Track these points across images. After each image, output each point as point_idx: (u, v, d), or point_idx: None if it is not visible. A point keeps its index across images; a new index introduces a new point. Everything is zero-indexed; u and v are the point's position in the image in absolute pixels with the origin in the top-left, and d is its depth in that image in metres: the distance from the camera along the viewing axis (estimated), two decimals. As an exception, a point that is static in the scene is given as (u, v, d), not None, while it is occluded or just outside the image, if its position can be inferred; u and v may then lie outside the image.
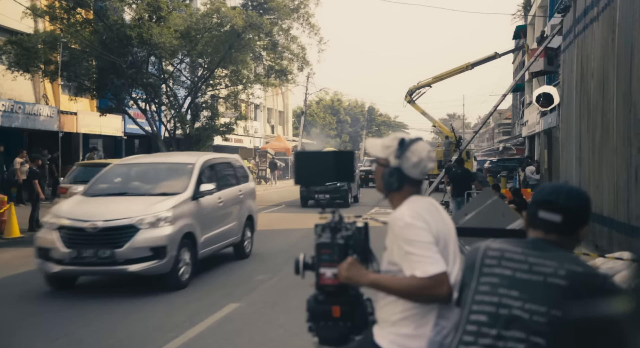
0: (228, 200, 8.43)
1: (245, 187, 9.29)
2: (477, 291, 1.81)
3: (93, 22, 18.63)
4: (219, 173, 8.57)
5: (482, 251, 1.89)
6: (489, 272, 1.82)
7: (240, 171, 9.44)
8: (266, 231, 12.57)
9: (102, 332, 5.29)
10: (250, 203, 9.45)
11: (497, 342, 1.70)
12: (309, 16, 21.89)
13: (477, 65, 22.89)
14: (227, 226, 8.34)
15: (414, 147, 2.10)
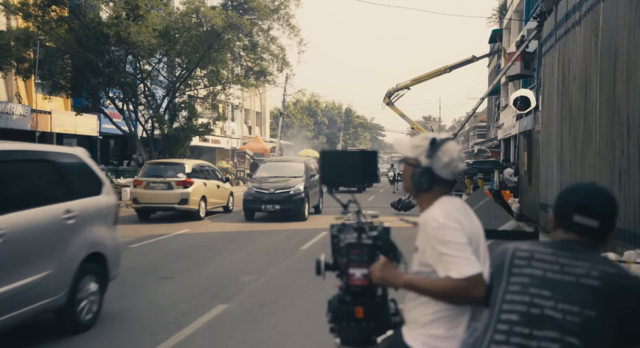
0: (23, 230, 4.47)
1: (86, 204, 5.35)
2: (507, 291, 1.81)
3: (68, 19, 18.25)
4: None
5: (510, 252, 1.88)
6: (518, 272, 1.82)
7: (74, 172, 5.56)
8: (248, 232, 12.49)
9: (88, 334, 5.16)
10: (96, 231, 5.41)
11: (529, 341, 1.70)
12: (289, 17, 21.87)
13: (455, 68, 23.19)
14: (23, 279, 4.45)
15: (445, 147, 2.09)
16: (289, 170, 15.67)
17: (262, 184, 14.69)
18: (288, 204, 14.32)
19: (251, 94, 37.18)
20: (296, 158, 18.55)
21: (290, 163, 16.63)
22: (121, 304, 6.26)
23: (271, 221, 14.73)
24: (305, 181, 14.97)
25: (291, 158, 20.62)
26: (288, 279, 7.73)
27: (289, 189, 14.42)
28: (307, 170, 15.47)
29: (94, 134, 22.87)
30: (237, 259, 9.21)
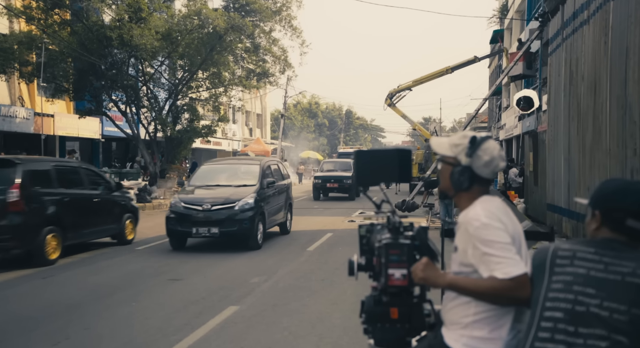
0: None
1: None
2: (549, 289, 1.80)
3: (71, 23, 18.24)
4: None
5: (551, 251, 1.86)
6: (561, 271, 1.81)
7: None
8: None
9: (103, 335, 5.15)
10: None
11: (575, 338, 1.68)
12: (291, 19, 21.84)
13: (456, 69, 23.15)
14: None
15: (486, 145, 2.07)
16: (238, 175, 11.38)
17: (195, 196, 10.32)
18: (231, 227, 9.89)
19: (252, 96, 37.17)
20: (250, 159, 14.21)
21: (240, 165, 12.08)
22: (132, 306, 6.24)
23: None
24: (258, 192, 10.50)
25: (243, 158, 16.11)
26: (297, 280, 7.71)
27: (233, 204, 9.94)
28: (262, 175, 11.05)
29: (97, 137, 22.86)
30: (244, 260, 9.18)
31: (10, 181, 8.06)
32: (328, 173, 23.72)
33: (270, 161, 12.22)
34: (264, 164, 11.50)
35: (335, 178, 23.09)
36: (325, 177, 23.22)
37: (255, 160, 12.36)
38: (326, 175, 23.39)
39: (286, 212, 12.25)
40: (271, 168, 11.92)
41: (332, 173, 23.72)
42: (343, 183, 22.78)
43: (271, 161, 12.35)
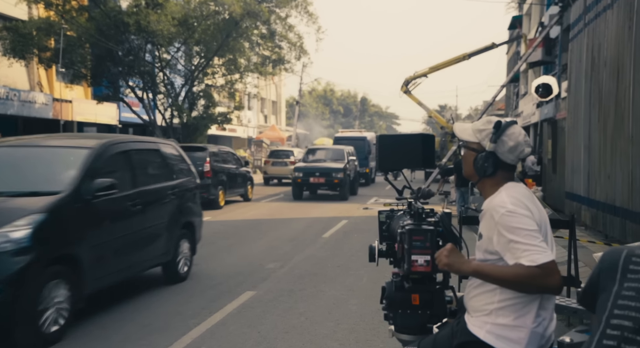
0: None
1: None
2: (620, 296, 1.72)
3: (89, 8, 18.32)
4: None
5: (624, 256, 1.78)
6: (634, 278, 1.73)
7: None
8: (269, 220, 12.53)
9: (124, 318, 5.24)
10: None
11: None
12: (307, 4, 21.67)
13: (474, 55, 22.81)
14: None
15: (510, 131, 2.05)
16: None
17: None
18: None
19: (268, 83, 37.14)
20: None
21: None
22: (150, 290, 6.33)
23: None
24: None
25: None
26: (313, 266, 7.75)
27: None
28: None
29: (114, 122, 23.05)
30: (260, 246, 9.25)
31: (203, 159, 13.95)
32: (312, 164, 18.05)
33: None
34: None
35: (322, 171, 17.22)
36: (308, 169, 17.40)
37: None
38: (309, 166, 17.68)
39: None
40: None
41: (318, 163, 18.10)
42: (331, 176, 17.08)
43: None
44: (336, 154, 18.88)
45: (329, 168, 17.47)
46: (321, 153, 19.56)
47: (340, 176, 17.08)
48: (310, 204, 15.85)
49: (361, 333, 4.88)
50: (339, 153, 18.89)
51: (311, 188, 17.79)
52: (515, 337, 1.94)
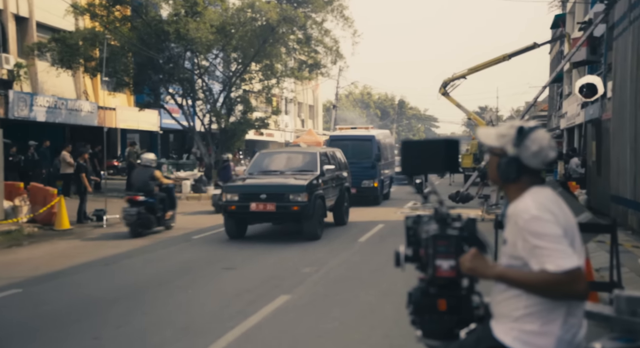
0: None
1: None
2: None
3: (131, 18, 18.92)
4: None
5: None
6: None
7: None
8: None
9: (161, 321, 5.37)
10: None
11: None
12: (343, 8, 21.75)
13: (514, 55, 22.35)
14: None
15: (534, 135, 2.03)
16: None
17: None
18: None
19: (304, 88, 37.37)
20: None
21: None
22: (188, 293, 6.46)
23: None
24: None
25: None
26: (348, 271, 7.74)
27: None
28: None
29: (155, 129, 23.69)
30: (295, 251, 9.30)
31: None
32: (257, 180, 10.67)
33: None
34: None
35: (270, 191, 9.99)
36: (248, 189, 10.24)
37: None
38: (251, 184, 10.43)
39: None
40: None
41: (268, 178, 10.71)
42: (286, 201, 9.88)
43: None
44: (304, 161, 11.31)
45: (283, 185, 10.14)
46: (279, 159, 11.74)
47: (301, 199, 9.78)
48: (353, 209, 15.82)
49: (395, 339, 4.84)
50: (309, 160, 11.25)
51: (254, 219, 10.40)
52: (543, 344, 1.91)
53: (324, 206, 10.75)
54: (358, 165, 15.76)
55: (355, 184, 14.97)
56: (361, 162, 16.18)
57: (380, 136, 18.33)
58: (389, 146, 19.70)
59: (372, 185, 16.58)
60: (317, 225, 10.27)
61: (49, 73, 17.91)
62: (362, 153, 16.58)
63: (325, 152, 12.07)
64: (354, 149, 16.30)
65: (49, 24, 18.83)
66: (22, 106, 16.64)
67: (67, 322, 5.36)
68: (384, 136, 19.38)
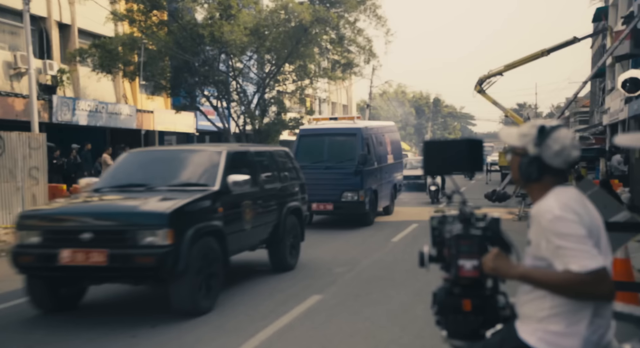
0: None
1: None
2: None
3: (168, 23, 19.37)
4: None
5: None
6: None
7: None
8: (337, 224, 12.58)
9: (197, 319, 5.48)
10: None
11: None
12: (375, 8, 21.63)
13: (553, 51, 21.75)
14: None
15: (556, 134, 2.00)
16: None
17: None
18: None
19: (338, 87, 37.38)
20: None
21: None
22: (221, 292, 6.57)
23: None
24: None
25: None
26: (380, 271, 7.72)
27: None
28: None
29: (192, 131, 24.15)
30: (328, 250, 9.33)
31: None
32: (84, 204, 5.81)
33: None
34: None
35: (100, 225, 5.25)
36: (60, 224, 5.40)
37: None
38: (66, 212, 5.59)
39: None
40: None
41: (110, 200, 5.82)
42: (131, 247, 5.05)
43: None
44: (194, 169, 6.63)
45: (125, 212, 5.48)
46: (155, 165, 6.83)
47: (159, 241, 5.14)
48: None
49: (427, 340, 4.81)
50: (205, 166, 6.54)
51: (67, 280, 5.66)
52: (568, 345, 1.89)
53: (222, 250, 5.92)
54: (337, 170, 11.61)
55: (333, 198, 11.43)
56: (341, 166, 11.65)
57: (373, 130, 13.11)
58: (394, 143, 14.92)
59: (357, 199, 11.47)
60: (196, 292, 5.42)
61: (90, 78, 18.51)
62: (343, 154, 11.88)
63: (242, 152, 7.14)
64: (332, 148, 12.05)
65: (90, 30, 19.46)
66: (65, 111, 17.26)
67: (107, 321, 5.54)
68: (381, 129, 14.08)
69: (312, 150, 12.04)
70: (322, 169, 11.77)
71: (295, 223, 7.97)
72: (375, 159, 12.57)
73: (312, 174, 10.77)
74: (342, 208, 11.77)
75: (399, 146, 15.62)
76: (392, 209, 14.46)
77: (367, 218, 12.12)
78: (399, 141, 16.04)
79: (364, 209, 11.82)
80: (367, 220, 12.13)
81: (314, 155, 12.00)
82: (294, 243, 7.88)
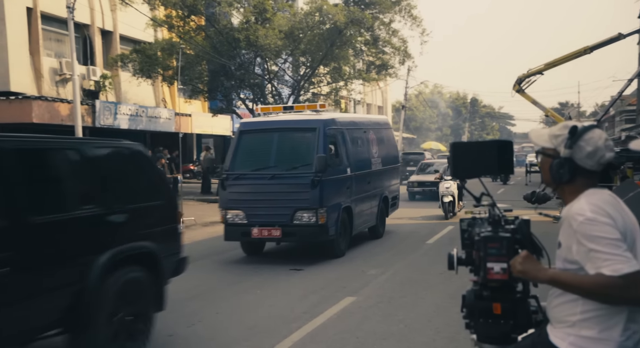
0: None
1: None
2: None
3: (205, 28, 19.76)
4: None
5: None
6: None
7: None
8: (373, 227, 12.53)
9: (232, 320, 5.59)
10: None
11: None
12: (410, 8, 21.48)
13: (597, 48, 21.12)
14: None
15: (588, 135, 1.97)
16: None
17: None
18: None
19: (373, 89, 37.24)
20: None
21: None
22: (256, 294, 6.67)
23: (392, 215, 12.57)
24: None
25: None
26: (414, 273, 7.66)
27: None
28: None
29: (228, 133, 24.55)
30: (362, 253, 9.32)
31: None
32: None
33: None
34: None
35: None
36: None
37: None
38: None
39: None
40: None
41: None
42: None
43: None
44: None
45: None
46: None
47: None
48: (414, 210, 15.62)
49: (462, 343, 4.75)
50: None
51: None
52: None
53: None
54: (287, 181, 8.32)
55: (281, 221, 8.15)
56: (293, 174, 8.35)
57: (345, 124, 9.52)
58: (386, 143, 11.35)
59: (315, 221, 8.18)
60: None
61: (130, 83, 19.09)
62: (297, 157, 8.62)
63: None
64: (283, 149, 8.76)
65: (131, 36, 20.07)
66: (107, 115, 17.84)
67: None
68: (362, 125, 10.54)
69: (255, 152, 8.70)
70: (266, 179, 8.28)
71: None
72: (348, 164, 9.06)
73: (253, 186, 8.31)
74: (294, 235, 8.33)
75: (392, 147, 11.94)
76: (382, 230, 10.82)
77: (333, 248, 8.64)
78: (393, 140, 12.25)
79: (325, 236, 8.34)
80: (333, 250, 8.67)
81: (257, 159, 8.63)
82: None
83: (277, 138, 8.76)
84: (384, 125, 12.00)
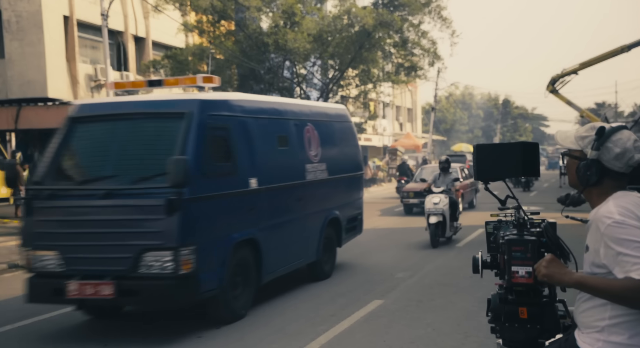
0: None
1: None
2: None
3: (234, 32, 20.03)
4: None
5: None
6: None
7: None
8: (401, 229, 12.45)
9: (259, 321, 5.64)
10: None
11: None
12: (440, 9, 21.31)
13: (635, 46, 20.51)
14: None
15: (616, 137, 1.92)
16: None
17: None
18: None
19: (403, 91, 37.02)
20: None
21: None
22: (284, 296, 6.70)
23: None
24: None
25: None
26: (444, 276, 7.57)
27: None
28: None
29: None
30: (391, 255, 9.26)
31: None
32: None
33: None
34: None
35: None
36: None
37: None
38: None
39: None
40: None
41: None
42: None
43: None
44: None
45: None
46: None
47: None
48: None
49: (491, 349, 4.67)
50: None
51: None
52: None
53: None
54: (132, 200, 5.04)
55: (117, 269, 4.95)
56: (141, 190, 5.05)
57: (254, 111, 6.38)
58: (339, 142, 8.26)
59: (174, 269, 4.85)
60: None
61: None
62: (148, 163, 5.33)
63: None
64: (127, 148, 5.49)
65: (163, 42, 20.49)
66: (140, 119, 18.23)
67: (174, 323, 5.79)
68: (296, 114, 7.27)
69: (85, 154, 5.71)
70: (97, 198, 5.06)
71: None
72: (252, 173, 5.98)
73: (75, 210, 5.13)
74: (137, 294, 4.97)
75: (351, 148, 8.59)
76: (330, 268, 7.78)
77: (215, 310, 5.52)
78: (353, 140, 8.77)
79: (193, 293, 5.10)
80: (217, 313, 5.56)
81: (86, 166, 5.69)
82: None
83: (121, 130, 5.51)
84: (335, 117, 8.41)
